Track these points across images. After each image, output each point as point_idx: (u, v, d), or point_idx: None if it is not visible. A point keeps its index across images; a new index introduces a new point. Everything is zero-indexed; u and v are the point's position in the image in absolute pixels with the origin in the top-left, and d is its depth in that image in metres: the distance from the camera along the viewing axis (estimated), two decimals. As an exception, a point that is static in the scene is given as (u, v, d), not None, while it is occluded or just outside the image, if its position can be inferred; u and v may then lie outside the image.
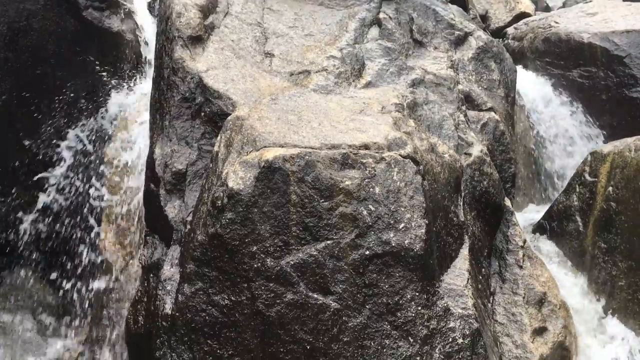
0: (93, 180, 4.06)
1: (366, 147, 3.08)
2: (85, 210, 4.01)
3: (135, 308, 3.30)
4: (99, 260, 3.94)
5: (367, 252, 2.95)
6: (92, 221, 3.99)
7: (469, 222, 3.42)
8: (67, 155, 4.11)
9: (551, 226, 3.84)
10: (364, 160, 3.03)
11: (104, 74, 4.36)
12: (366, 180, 3.01)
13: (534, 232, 3.91)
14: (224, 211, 2.96)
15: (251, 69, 3.70)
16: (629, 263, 3.43)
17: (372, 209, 2.99)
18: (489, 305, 3.37)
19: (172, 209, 3.37)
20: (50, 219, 4.07)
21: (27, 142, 4.07)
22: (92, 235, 3.98)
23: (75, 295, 3.95)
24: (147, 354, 3.10)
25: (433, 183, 3.22)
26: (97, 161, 4.10)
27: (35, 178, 4.06)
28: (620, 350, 3.29)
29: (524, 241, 3.61)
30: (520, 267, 3.52)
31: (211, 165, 3.24)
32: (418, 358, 2.88)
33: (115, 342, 3.70)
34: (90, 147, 4.16)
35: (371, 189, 3.01)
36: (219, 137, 3.27)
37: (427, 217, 3.04)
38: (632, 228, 3.48)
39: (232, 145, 3.15)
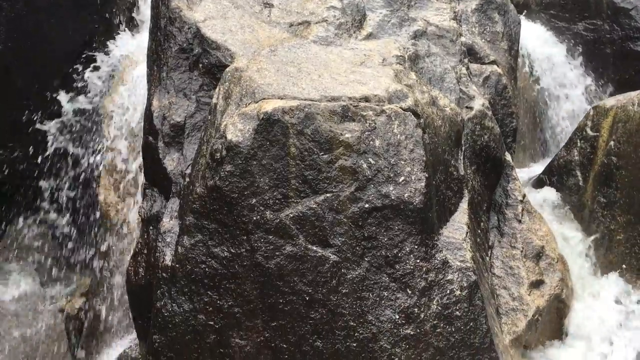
0: (92, 132, 4.03)
1: (366, 99, 3.04)
2: (85, 162, 4.00)
3: (136, 260, 3.33)
4: (98, 212, 3.95)
5: (367, 205, 2.95)
6: (92, 172, 3.98)
7: (469, 176, 3.41)
8: (65, 107, 4.08)
9: (551, 181, 3.83)
10: (364, 113, 3.00)
11: (100, 24, 4.28)
12: (366, 133, 2.98)
13: (533, 186, 3.91)
14: (223, 164, 2.95)
15: (250, 20, 3.62)
16: (627, 217, 3.44)
17: (372, 162, 2.97)
18: (487, 258, 3.40)
19: (171, 162, 3.36)
20: (51, 170, 4.06)
21: (24, 94, 4.02)
22: (93, 186, 3.98)
23: (75, 247, 3.98)
24: (148, 304, 3.14)
25: (433, 136, 3.19)
26: (95, 115, 4.07)
27: (33, 129, 4.04)
28: (617, 302, 3.33)
29: (524, 196, 3.61)
30: (519, 221, 3.53)
31: (210, 118, 3.21)
32: (416, 309, 2.92)
33: (116, 293, 3.75)
34: (87, 100, 4.11)
35: (371, 142, 2.98)
36: (217, 89, 3.23)
37: (427, 171, 3.03)
38: (633, 182, 3.47)
39: (230, 97, 3.11)
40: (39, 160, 4.03)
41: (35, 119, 4.03)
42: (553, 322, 3.38)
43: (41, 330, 3.80)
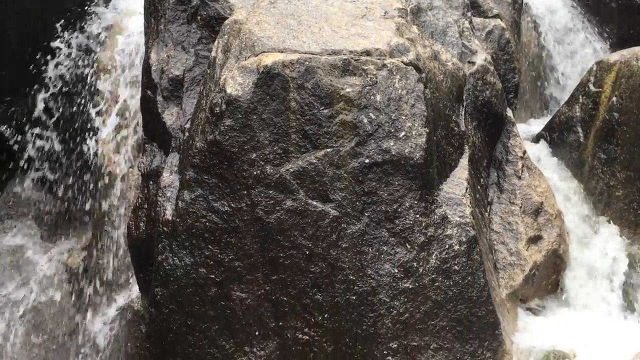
0: (90, 85, 3.99)
1: (368, 53, 3.00)
2: (84, 116, 3.97)
3: (136, 214, 3.34)
4: (98, 167, 3.94)
5: (367, 161, 2.95)
6: (91, 127, 3.96)
7: (470, 132, 3.40)
8: (62, 60, 4.02)
9: (552, 137, 3.82)
10: (365, 67, 2.96)
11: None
12: (367, 87, 2.96)
13: (534, 143, 3.90)
14: (223, 118, 2.93)
15: (249, -29, 3.54)
16: (627, 173, 3.45)
17: (373, 117, 2.96)
18: (486, 214, 3.42)
19: (170, 116, 3.34)
20: (48, 126, 4.04)
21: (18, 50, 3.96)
22: (92, 142, 3.96)
23: (76, 202, 3.99)
24: (149, 258, 3.16)
25: (435, 91, 3.17)
26: (91, 65, 4.01)
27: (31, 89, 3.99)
28: (614, 258, 3.37)
29: (524, 152, 3.60)
30: (519, 177, 3.54)
31: (209, 71, 3.17)
32: (415, 264, 2.95)
33: (117, 247, 3.78)
34: (82, 53, 4.05)
35: (372, 97, 2.96)
36: (216, 42, 3.18)
37: (428, 126, 3.02)
38: (634, 138, 3.47)
39: (230, 50, 3.07)
40: (36, 114, 4.00)
41: (34, 72, 3.98)
42: (550, 276, 3.43)
43: (42, 283, 3.85)
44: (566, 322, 3.21)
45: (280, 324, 2.97)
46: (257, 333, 2.98)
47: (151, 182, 3.32)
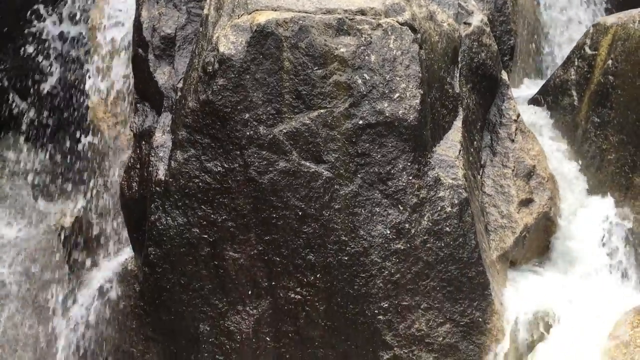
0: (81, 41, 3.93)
1: (362, 12, 2.96)
2: (77, 73, 3.92)
3: (129, 174, 3.33)
4: (90, 127, 3.91)
5: (361, 122, 2.94)
6: (83, 86, 3.92)
7: (464, 94, 3.39)
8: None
9: (546, 100, 3.81)
10: (360, 27, 2.93)
11: None
12: (361, 47, 2.93)
13: (528, 106, 3.89)
14: (215, 77, 2.90)
15: None
16: (620, 137, 3.45)
17: (367, 77, 2.93)
18: (479, 177, 3.43)
19: (162, 75, 3.30)
20: (41, 85, 3.99)
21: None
22: (84, 102, 3.92)
23: (68, 162, 3.97)
24: (143, 218, 3.17)
25: (430, 52, 3.14)
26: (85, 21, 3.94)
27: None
28: (603, 221, 3.40)
29: (518, 115, 3.59)
30: (512, 140, 3.54)
31: (201, 30, 3.13)
32: (407, 225, 2.97)
33: (110, 207, 3.78)
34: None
35: (366, 57, 2.93)
36: (208, 0, 3.13)
37: (423, 88, 3.00)
38: (628, 102, 3.46)
39: (222, 8, 3.02)
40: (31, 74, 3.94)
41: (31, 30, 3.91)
42: (540, 239, 3.46)
43: (36, 244, 3.85)
44: (555, 284, 3.25)
45: (273, 283, 3.00)
46: (250, 292, 3.02)
47: (143, 142, 3.30)
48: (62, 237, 3.88)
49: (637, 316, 2.78)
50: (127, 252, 3.72)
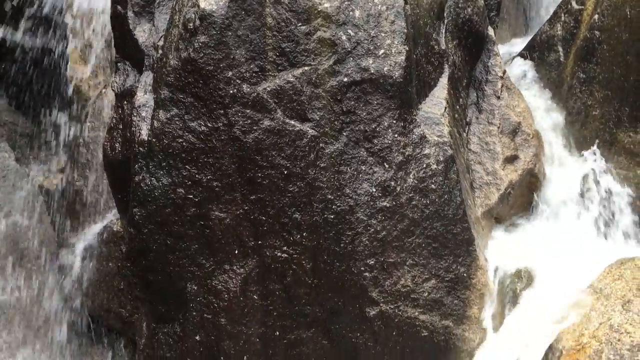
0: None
1: (347, -34, 2.89)
2: (57, 34, 3.82)
3: (111, 135, 3.29)
4: (71, 88, 3.84)
5: (346, 79, 2.90)
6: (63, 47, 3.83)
7: (450, 50, 3.35)
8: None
9: (532, 57, 3.78)
10: (344, -19, 2.86)
11: None
12: (346, 2, 2.87)
13: (514, 62, 3.86)
14: (197, 34, 2.84)
15: None
16: (605, 93, 3.45)
17: (352, 34, 2.89)
18: (464, 134, 3.42)
19: (142, 33, 3.23)
20: (22, 45, 3.89)
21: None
22: (64, 62, 3.84)
23: (50, 124, 3.91)
24: (127, 179, 3.14)
25: (415, 8, 3.09)
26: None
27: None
28: (587, 176, 3.43)
29: (504, 72, 3.57)
30: (498, 97, 3.53)
31: (181, -15, 3.04)
32: (392, 183, 2.97)
33: (94, 168, 3.74)
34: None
35: (351, 13, 2.88)
36: (188, -46, 3.03)
37: (408, 44, 2.96)
38: (613, 57, 3.44)
39: (202, -38, 2.94)
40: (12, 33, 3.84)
41: None
42: (524, 195, 3.49)
43: (21, 206, 3.82)
44: (538, 239, 3.29)
45: (260, 242, 3.00)
46: (236, 252, 3.02)
47: (125, 102, 3.25)
48: (46, 198, 3.85)
49: (618, 269, 2.83)
50: (113, 214, 3.70)
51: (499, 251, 3.20)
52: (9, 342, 3.53)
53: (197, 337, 3.03)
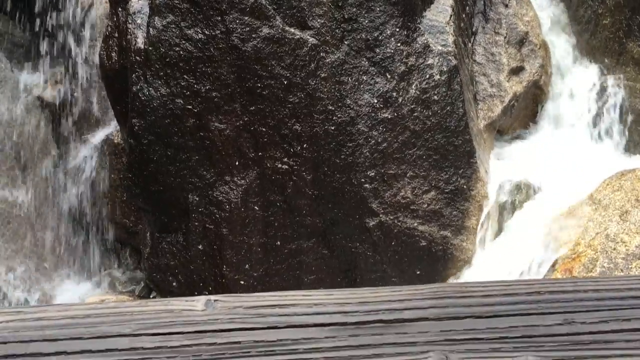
0: None
1: None
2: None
3: (107, 44, 3.21)
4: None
5: (347, -16, 2.79)
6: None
7: (458, -46, 3.20)
8: None
9: (543, -38, 3.61)
10: None
11: None
12: None
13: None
14: None
15: None
16: (617, 0, 3.32)
17: None
18: (469, 44, 3.33)
19: None
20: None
21: None
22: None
23: (46, 34, 3.81)
24: (125, 89, 3.09)
25: None
26: None
27: None
28: (594, 87, 3.36)
29: (513, -22, 3.42)
30: (506, 5, 3.40)
31: None
32: (394, 94, 2.92)
33: (91, 79, 3.68)
34: None
35: None
36: None
37: (413, -54, 2.82)
38: (629, -38, 3.29)
39: None
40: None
41: None
42: (528, 108, 3.44)
43: (20, 117, 3.79)
44: (540, 152, 3.27)
45: (260, 154, 2.99)
46: (237, 163, 3.02)
47: (120, 9, 3.15)
48: (45, 109, 3.81)
49: (618, 180, 2.83)
50: (113, 125, 3.68)
51: (501, 163, 3.19)
52: (15, 251, 3.61)
53: (200, 247, 3.08)
